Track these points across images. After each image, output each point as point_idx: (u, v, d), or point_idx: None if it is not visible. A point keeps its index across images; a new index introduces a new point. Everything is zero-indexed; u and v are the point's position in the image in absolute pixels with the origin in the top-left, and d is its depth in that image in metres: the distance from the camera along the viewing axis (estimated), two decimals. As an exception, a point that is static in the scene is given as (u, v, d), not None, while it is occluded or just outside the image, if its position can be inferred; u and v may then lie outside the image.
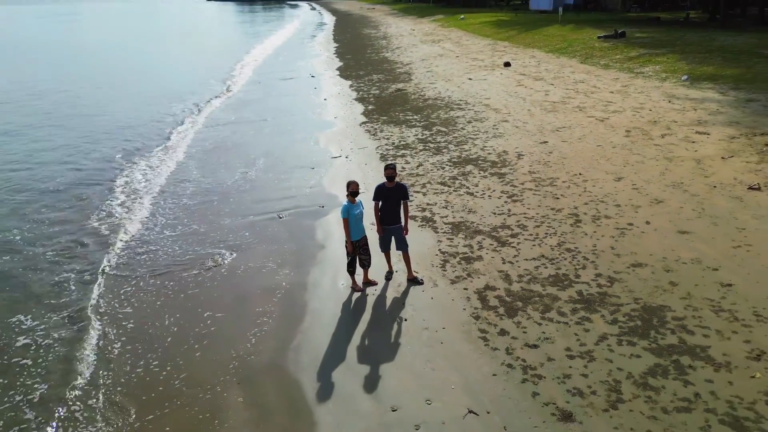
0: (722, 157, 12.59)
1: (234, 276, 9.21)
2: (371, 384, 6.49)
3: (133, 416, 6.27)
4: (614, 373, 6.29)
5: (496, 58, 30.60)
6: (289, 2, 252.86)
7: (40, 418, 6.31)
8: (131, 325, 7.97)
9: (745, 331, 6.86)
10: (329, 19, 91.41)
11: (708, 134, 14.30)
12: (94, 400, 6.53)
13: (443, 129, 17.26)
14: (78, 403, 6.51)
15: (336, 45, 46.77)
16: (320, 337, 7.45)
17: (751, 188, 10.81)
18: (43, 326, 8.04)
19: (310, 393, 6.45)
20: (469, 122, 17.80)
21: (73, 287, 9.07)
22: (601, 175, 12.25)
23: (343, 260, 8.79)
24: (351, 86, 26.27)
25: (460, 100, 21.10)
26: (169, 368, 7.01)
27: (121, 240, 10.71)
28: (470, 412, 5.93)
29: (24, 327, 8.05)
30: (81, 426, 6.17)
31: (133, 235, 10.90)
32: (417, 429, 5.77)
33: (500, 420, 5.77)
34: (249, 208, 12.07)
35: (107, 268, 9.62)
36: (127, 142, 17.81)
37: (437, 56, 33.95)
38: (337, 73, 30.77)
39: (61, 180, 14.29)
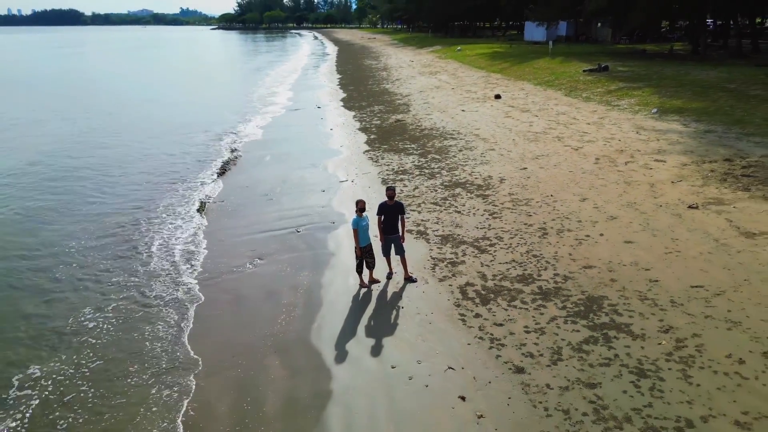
0: (672, 182, 14.82)
1: (266, 276, 11.37)
2: (375, 351, 8.61)
3: (202, 367, 8.39)
4: (558, 342, 8.40)
5: (488, 91, 33.12)
6: (290, 31, 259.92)
7: (146, 366, 8.41)
8: (197, 313, 10.10)
9: (661, 313, 8.99)
10: (332, 50, 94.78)
11: (664, 162, 16.56)
12: (179, 356, 8.64)
13: (437, 157, 19.56)
14: (172, 356, 8.62)
15: (339, 76, 49.54)
16: (335, 320, 9.58)
17: (690, 207, 13.01)
18: (154, 308, 10.18)
19: (328, 358, 8.57)
20: (460, 150, 20.11)
21: (167, 288, 11.23)
22: (569, 197, 14.46)
23: (352, 264, 10.96)
24: (354, 117, 28.71)
25: (453, 131, 23.46)
26: (225, 341, 9.14)
27: (184, 256, 12.89)
28: (449, 368, 8.03)
29: (144, 306, 10.19)
30: (169, 367, 8.26)
31: (189, 250, 13.08)
32: (410, 379, 7.87)
33: (471, 372, 7.88)
34: (273, 224, 14.27)
35: (182, 275, 11.78)
36: (172, 169, 20.11)
37: (434, 88, 36.52)
38: (341, 104, 33.29)
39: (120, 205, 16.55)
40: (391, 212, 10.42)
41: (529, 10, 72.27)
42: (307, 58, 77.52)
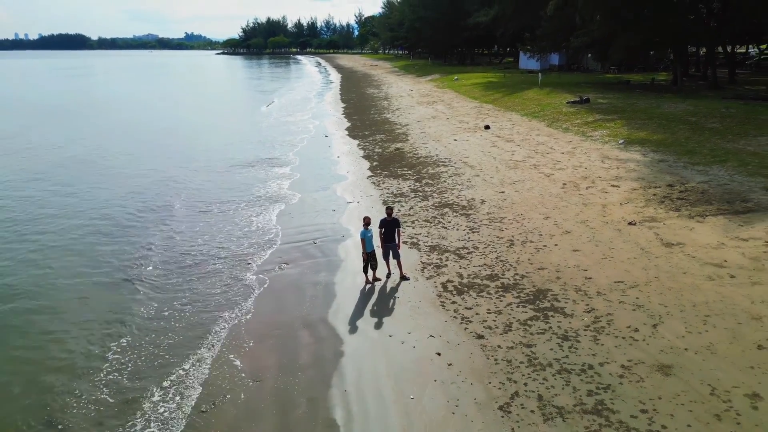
0: (620, 203, 18.06)
1: (292, 276, 14.58)
2: (377, 325, 11.77)
3: (252, 344, 11.56)
4: (510, 320, 11.56)
5: (479, 121, 36.58)
6: (294, 56, 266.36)
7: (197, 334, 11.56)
8: (244, 303, 13.30)
9: (588, 300, 12.15)
10: (335, 77, 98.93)
11: (618, 186, 19.83)
12: (234, 340, 11.82)
13: (430, 182, 22.86)
14: (236, 327, 11.80)
15: (343, 105, 53.23)
16: (347, 306, 12.76)
17: (629, 224, 16.22)
18: (210, 298, 13.37)
19: (342, 330, 11.73)
20: (450, 176, 23.42)
21: (223, 286, 14.44)
22: (536, 215, 17.70)
23: (359, 267, 14.14)
24: (358, 145, 32.13)
25: (445, 158, 26.81)
26: (269, 320, 12.33)
27: (229, 262, 16.12)
28: (430, 336, 11.19)
29: (189, 294, 13.37)
30: (233, 334, 11.42)
31: (237, 258, 16.31)
32: (402, 343, 11.02)
33: (445, 338, 11.02)
34: (294, 237, 17.51)
35: (231, 277, 15.00)
36: (196, 195, 23.43)
37: (431, 118, 40.04)
38: (347, 132, 36.76)
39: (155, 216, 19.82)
40: (390, 226, 13.64)
41: (521, 44, 76.42)
42: (311, 86, 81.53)
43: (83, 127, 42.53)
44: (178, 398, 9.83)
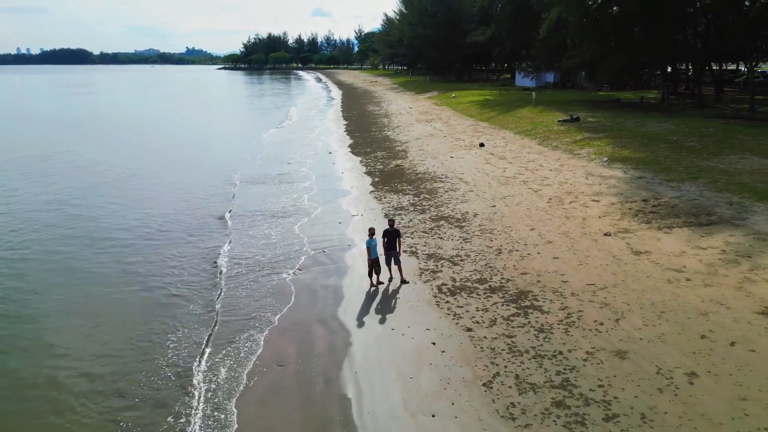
0: (599, 217, 20.04)
1: (305, 281, 16.52)
2: (381, 321, 13.69)
3: (275, 336, 13.48)
4: (495, 316, 13.47)
5: (474, 139, 38.67)
6: (294, 71, 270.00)
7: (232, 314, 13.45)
8: (268, 304, 15.23)
9: (563, 299, 14.07)
10: (336, 93, 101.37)
11: (599, 201, 21.82)
12: (260, 333, 13.73)
13: (428, 196, 24.86)
14: (263, 321, 13.70)
15: (345, 122, 55.41)
16: (354, 305, 14.68)
17: (605, 234, 18.18)
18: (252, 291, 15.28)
19: (351, 326, 13.64)
20: (446, 191, 25.42)
21: (247, 289, 16.37)
22: (522, 227, 19.66)
23: (365, 272, 16.06)
24: (361, 162, 34.18)
25: (442, 175, 28.83)
26: (287, 316, 14.24)
27: (253, 269, 18.07)
28: (427, 329, 13.09)
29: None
30: (261, 325, 13.32)
31: (261, 265, 18.26)
32: (403, 335, 12.93)
33: (439, 330, 12.93)
34: (307, 246, 19.46)
35: (254, 281, 16.94)
36: (204, 208, 25.41)
37: (429, 135, 42.16)
38: (349, 150, 38.85)
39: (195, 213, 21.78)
40: (392, 236, 15.59)
41: (517, 63, 78.82)
42: (314, 103, 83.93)
43: (112, 145, 44.60)
44: (218, 379, 11.72)
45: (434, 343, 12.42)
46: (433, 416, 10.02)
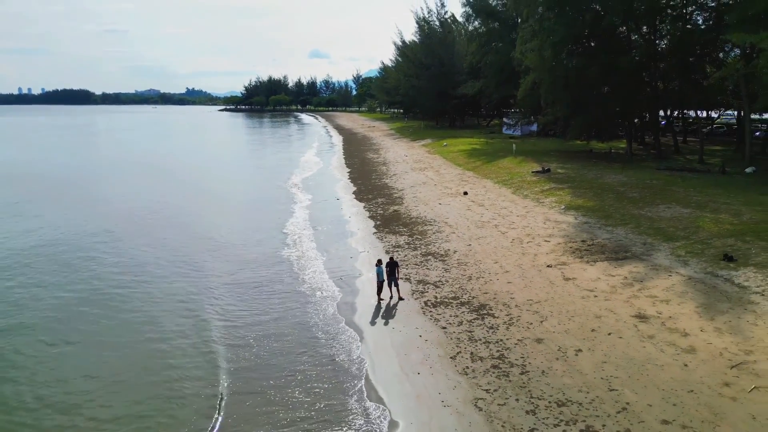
0: (546, 253, 26.70)
1: (329, 299, 23.04)
2: (384, 323, 20.19)
3: (310, 335, 19.96)
4: (462, 319, 19.97)
5: (460, 188, 45.60)
6: (294, 113, 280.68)
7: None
8: (303, 316, 21.73)
9: (509, 309, 20.58)
10: (337, 140, 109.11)
11: (549, 242, 28.50)
12: (301, 332, 20.21)
13: (419, 237, 31.52)
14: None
15: (348, 170, 62.54)
16: (365, 315, 21.18)
17: (547, 266, 24.80)
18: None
19: (363, 326, 20.12)
20: (434, 233, 32.10)
21: (285, 305, 22.88)
22: (489, 261, 26.28)
23: (372, 293, 22.59)
24: (364, 207, 40.96)
25: (431, 219, 35.57)
26: (320, 321, 20.75)
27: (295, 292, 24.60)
28: (416, 328, 19.60)
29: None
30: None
31: (298, 292, 24.80)
32: (399, 332, 19.41)
33: (424, 329, 19.40)
34: (325, 275, 26.01)
35: (294, 300, 23.46)
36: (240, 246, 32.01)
37: (422, 184, 49.14)
38: (354, 196, 45.72)
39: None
40: (392, 266, 22.19)
41: (504, 111, 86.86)
42: (319, 150, 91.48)
43: (143, 186, 51.44)
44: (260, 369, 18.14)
45: (420, 336, 18.91)
46: (418, 374, 16.46)
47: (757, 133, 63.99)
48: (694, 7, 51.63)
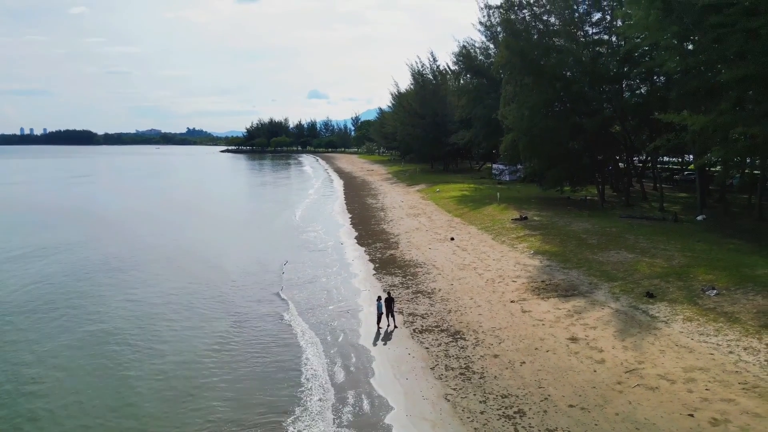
0: (512, 291, 33.31)
1: (339, 328, 29.57)
2: (383, 344, 26.72)
3: (325, 358, 26.50)
4: (441, 342, 26.47)
5: (448, 233, 52.42)
6: (294, 155, 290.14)
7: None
8: (319, 341, 28.28)
9: (477, 335, 27.11)
10: (338, 184, 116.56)
11: (516, 281, 35.11)
12: (319, 353, 26.73)
13: (411, 278, 38.14)
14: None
15: (350, 215, 69.50)
16: (368, 337, 27.71)
17: (511, 301, 31.39)
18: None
19: (368, 347, 26.63)
20: (423, 274, 38.73)
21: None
22: (466, 298, 32.85)
23: (373, 322, 29.14)
24: (365, 251, 47.68)
25: (422, 262, 42.24)
26: (332, 342, 27.30)
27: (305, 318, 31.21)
28: (406, 348, 26.12)
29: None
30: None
31: (315, 323, 31.40)
32: (393, 350, 25.92)
33: (412, 348, 25.90)
34: (335, 309, 32.57)
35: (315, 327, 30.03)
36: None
37: (415, 230, 56.00)
38: (355, 241, 52.49)
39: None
40: (389, 301, 28.84)
41: (493, 160, 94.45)
42: (321, 194, 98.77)
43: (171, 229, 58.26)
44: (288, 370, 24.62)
45: (409, 354, 25.41)
46: (407, 379, 22.96)
47: (731, 181, 67.79)
48: (638, 80, 59.51)
